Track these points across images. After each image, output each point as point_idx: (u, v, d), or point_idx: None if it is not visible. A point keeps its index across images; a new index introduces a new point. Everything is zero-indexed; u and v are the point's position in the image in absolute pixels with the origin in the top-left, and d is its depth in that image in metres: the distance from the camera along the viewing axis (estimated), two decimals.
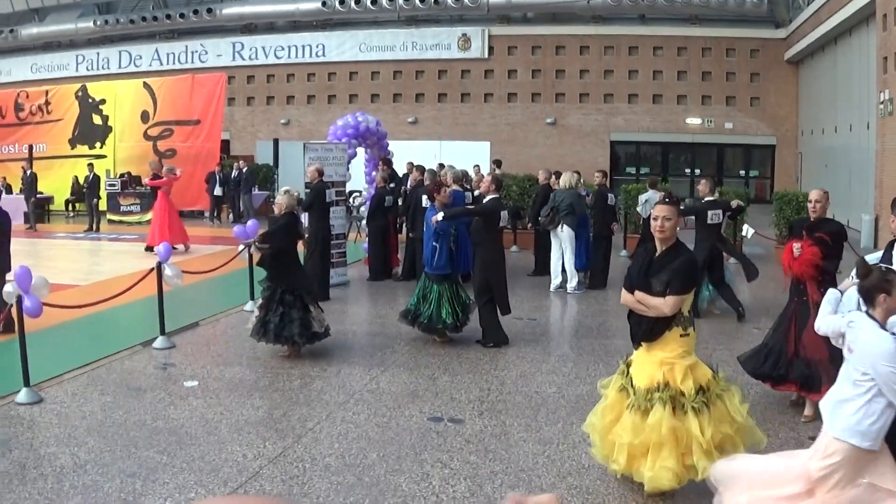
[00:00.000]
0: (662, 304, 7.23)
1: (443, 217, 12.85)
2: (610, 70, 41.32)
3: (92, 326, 14.82)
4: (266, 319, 12.34)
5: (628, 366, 7.70)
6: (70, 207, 37.20)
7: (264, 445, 8.86)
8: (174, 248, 20.08)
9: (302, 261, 13.72)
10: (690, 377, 7.31)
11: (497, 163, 30.06)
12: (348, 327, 14.91)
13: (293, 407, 10.17)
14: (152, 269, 13.49)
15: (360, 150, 21.52)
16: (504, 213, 13.33)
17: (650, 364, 7.41)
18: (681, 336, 7.37)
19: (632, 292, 7.51)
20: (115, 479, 8.01)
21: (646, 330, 7.46)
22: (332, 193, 17.82)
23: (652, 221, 7.53)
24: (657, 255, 7.51)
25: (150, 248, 22.86)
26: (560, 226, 17.65)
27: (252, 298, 15.29)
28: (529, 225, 20.92)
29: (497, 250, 13.30)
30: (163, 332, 13.42)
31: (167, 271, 13.37)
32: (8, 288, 11.03)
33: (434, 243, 13.08)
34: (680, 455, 7.19)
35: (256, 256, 13.39)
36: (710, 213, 15.21)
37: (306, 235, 13.09)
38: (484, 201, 13.48)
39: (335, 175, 18.33)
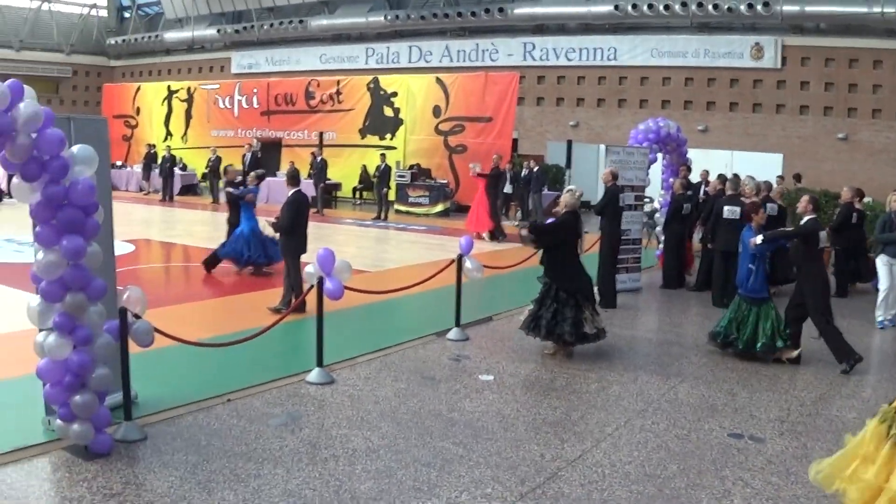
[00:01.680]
0: None
1: (762, 240, 12.52)
2: None
3: (385, 313, 15.10)
4: (538, 314, 12.36)
5: None
6: (357, 195, 38.16)
7: (562, 447, 8.78)
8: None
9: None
10: None
11: (797, 177, 29.40)
12: (642, 334, 14.80)
13: (591, 410, 10.08)
14: (453, 260, 13.60)
15: (659, 156, 21.30)
16: (823, 234, 12.88)
17: None
18: None
19: None
20: (409, 467, 8.09)
21: None
22: (631, 197, 17.69)
23: None
24: None
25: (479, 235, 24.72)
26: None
27: None
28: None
29: (821, 270, 12.87)
30: (458, 324, 13.57)
31: (468, 264, 13.47)
32: (309, 269, 11.28)
33: (750, 265, 12.73)
34: None
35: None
36: None
37: (583, 234, 12.87)
38: (802, 222, 13.03)
39: (635, 179, 18.18)
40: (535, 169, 32.74)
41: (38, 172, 7.50)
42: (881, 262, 16.14)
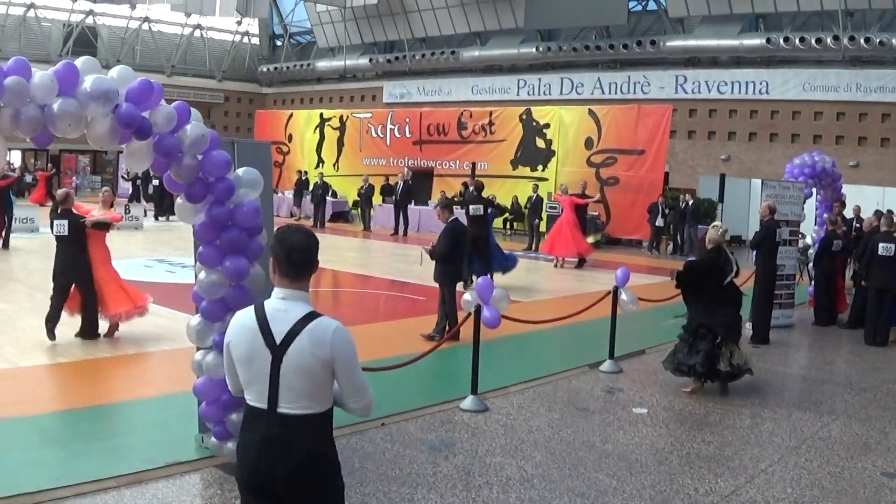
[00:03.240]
0: None
1: None
2: None
3: (538, 343, 15.26)
4: (676, 348, 12.46)
5: None
6: (508, 226, 38.40)
7: (716, 482, 8.81)
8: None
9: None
10: None
11: None
12: (795, 371, 14.77)
13: (744, 446, 10.08)
14: (608, 292, 13.78)
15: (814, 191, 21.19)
16: None
17: None
18: None
19: None
20: (562, 497, 8.13)
21: None
22: (786, 232, 17.65)
23: None
24: None
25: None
26: None
27: None
28: None
29: None
30: (611, 356, 13.69)
31: (623, 296, 13.62)
32: (468, 297, 11.45)
33: None
34: None
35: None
36: None
37: (735, 270, 12.82)
38: None
39: (790, 214, 18.12)
40: (691, 203, 32.78)
41: (204, 193, 7.74)
42: None
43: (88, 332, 13.83)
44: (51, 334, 13.49)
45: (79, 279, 13.69)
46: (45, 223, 17.07)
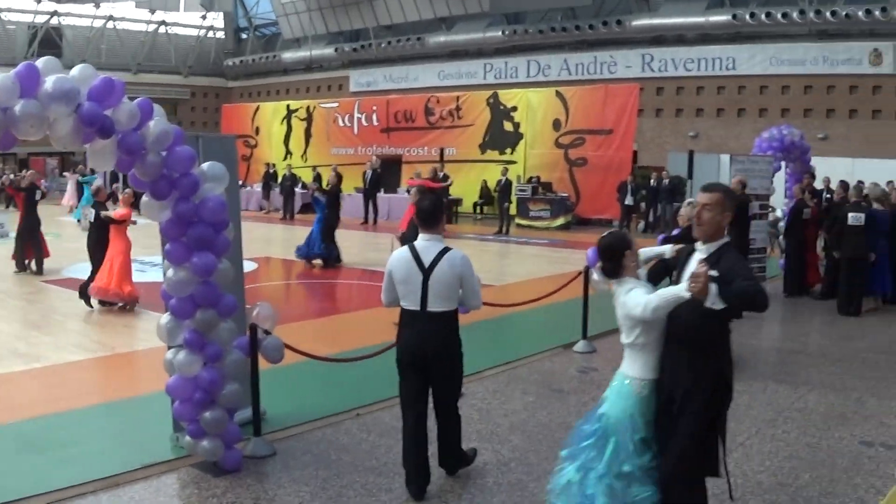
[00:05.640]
0: None
1: None
2: None
3: (511, 326, 15.28)
4: None
5: None
6: (478, 210, 38.42)
7: None
8: None
9: None
10: None
11: None
12: (769, 343, 14.85)
13: None
14: (579, 272, 13.76)
15: (783, 164, 21.25)
16: None
17: None
18: None
19: None
20: (540, 480, 8.02)
21: None
22: (756, 206, 17.69)
23: None
24: None
25: None
26: None
27: None
28: None
29: None
30: (584, 336, 13.67)
31: (595, 276, 13.56)
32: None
33: None
34: None
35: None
36: None
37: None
38: None
39: (760, 188, 18.21)
40: (667, 181, 32.92)
41: (169, 190, 7.66)
42: None
43: (82, 293, 16.79)
44: (87, 303, 16.73)
45: (92, 254, 16.93)
46: (14, 229, 18.70)
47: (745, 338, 14.44)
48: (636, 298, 6.07)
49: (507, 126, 38.93)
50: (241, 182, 43.85)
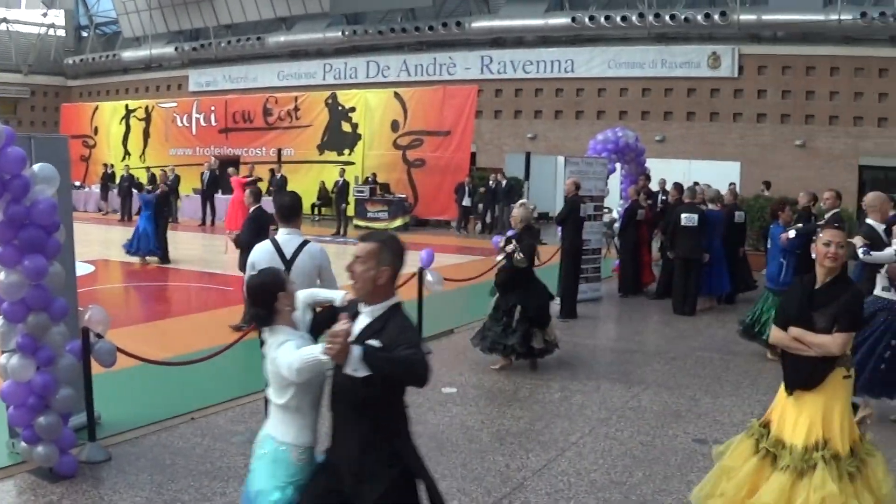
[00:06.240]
0: (830, 342, 6.14)
1: (794, 234, 12.71)
2: (860, 92, 39.94)
3: None
4: (486, 326, 12.43)
5: (764, 425, 6.63)
6: (316, 211, 38.11)
7: (527, 457, 8.77)
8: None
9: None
10: (848, 433, 6.30)
11: (766, 184, 29.72)
12: (604, 343, 14.90)
13: (555, 420, 10.07)
14: (414, 273, 13.56)
15: (618, 166, 21.40)
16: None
17: (806, 415, 6.32)
18: (844, 378, 6.31)
19: (786, 329, 6.45)
20: None
21: (806, 373, 6.32)
22: (590, 208, 17.74)
23: (821, 247, 6.36)
24: (818, 286, 6.42)
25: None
26: None
27: None
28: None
29: None
30: (420, 337, 13.44)
31: (429, 277, 13.40)
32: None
33: (781, 260, 13.05)
34: None
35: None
36: None
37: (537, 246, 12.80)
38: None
39: (594, 189, 18.28)
40: (504, 182, 33.03)
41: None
42: None
43: None
44: None
45: None
46: None
47: (581, 338, 14.55)
48: (286, 356, 5.06)
49: (346, 127, 38.66)
50: (79, 183, 43.16)
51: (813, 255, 6.46)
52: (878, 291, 10.32)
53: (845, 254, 6.46)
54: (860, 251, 10.63)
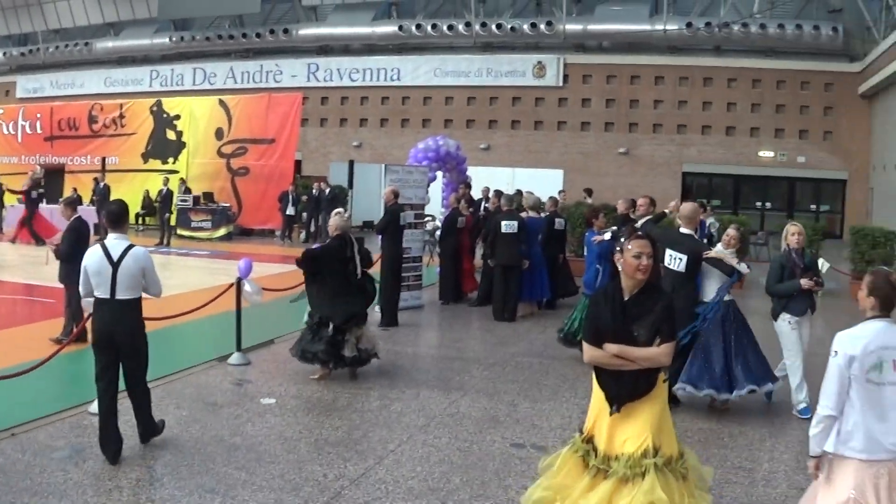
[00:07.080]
0: (659, 354, 6.11)
1: (610, 236, 13.02)
2: (684, 101, 41.10)
3: (166, 340, 14.77)
4: (302, 335, 12.45)
5: (587, 440, 6.46)
6: (140, 221, 37.56)
7: (345, 466, 8.78)
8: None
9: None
10: (673, 435, 6.38)
11: (588, 191, 30.18)
12: (424, 350, 14.97)
13: (373, 428, 10.09)
14: (232, 284, 13.48)
15: (439, 174, 21.54)
16: None
17: (634, 425, 6.24)
18: (663, 382, 6.34)
19: (600, 345, 6.26)
20: (192, 495, 7.94)
21: (630, 387, 6.23)
22: (411, 216, 17.81)
23: (631, 259, 6.18)
24: (628, 298, 6.30)
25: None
26: None
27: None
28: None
29: None
30: (239, 349, 13.38)
31: (247, 287, 13.33)
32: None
33: (597, 266, 13.33)
34: None
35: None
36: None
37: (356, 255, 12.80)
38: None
39: (415, 198, 18.37)
40: (328, 191, 32.98)
41: None
42: (786, 327, 11.26)
43: None
44: None
45: None
46: None
47: (402, 346, 14.64)
48: None
49: (171, 135, 38.20)
50: None
51: (619, 266, 6.32)
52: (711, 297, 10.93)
53: (652, 263, 6.24)
54: (742, 266, 11.10)
